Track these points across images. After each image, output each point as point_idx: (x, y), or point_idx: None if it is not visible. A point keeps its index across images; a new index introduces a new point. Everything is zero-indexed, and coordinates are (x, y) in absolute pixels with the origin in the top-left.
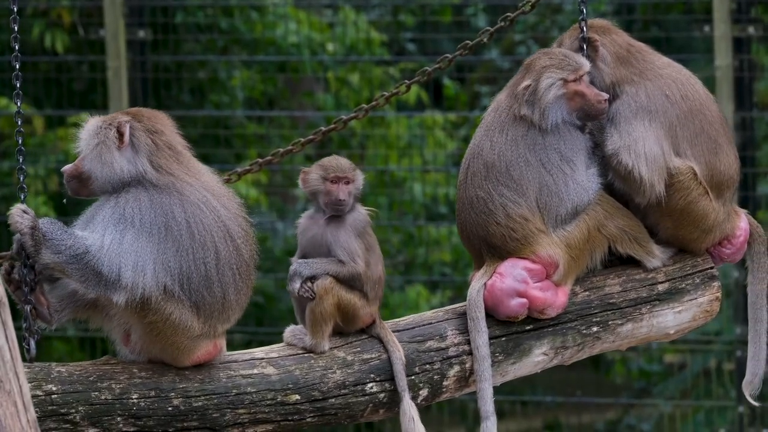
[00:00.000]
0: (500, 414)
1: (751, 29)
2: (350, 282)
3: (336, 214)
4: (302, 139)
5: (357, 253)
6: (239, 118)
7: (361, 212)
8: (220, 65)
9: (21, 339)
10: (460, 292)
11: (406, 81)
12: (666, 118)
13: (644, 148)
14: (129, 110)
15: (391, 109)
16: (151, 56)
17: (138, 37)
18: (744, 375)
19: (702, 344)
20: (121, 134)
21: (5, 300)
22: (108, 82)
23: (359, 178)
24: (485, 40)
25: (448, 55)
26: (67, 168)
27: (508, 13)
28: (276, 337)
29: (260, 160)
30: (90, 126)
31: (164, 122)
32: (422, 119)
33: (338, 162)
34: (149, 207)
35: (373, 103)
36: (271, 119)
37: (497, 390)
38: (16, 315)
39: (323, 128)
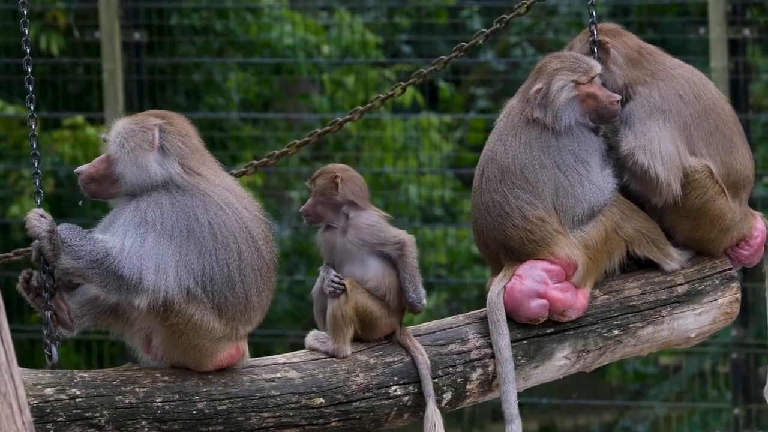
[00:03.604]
0: (496, 417)
1: (746, 31)
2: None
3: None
4: (297, 141)
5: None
6: (234, 120)
7: (370, 217)
8: (216, 67)
9: (43, 345)
10: (455, 294)
11: (402, 83)
12: (680, 117)
13: (659, 147)
14: (157, 112)
15: (386, 111)
16: (147, 58)
17: (133, 39)
18: (740, 377)
19: (697, 346)
20: (152, 137)
21: (0, 302)
22: (103, 85)
23: (320, 183)
24: (480, 42)
25: (443, 57)
26: (84, 169)
27: (504, 15)
28: (273, 340)
29: (255, 162)
30: (121, 128)
31: (189, 126)
32: (417, 121)
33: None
34: (170, 210)
35: (369, 105)
36: (267, 121)
37: None
38: (25, 321)
39: (318, 130)
